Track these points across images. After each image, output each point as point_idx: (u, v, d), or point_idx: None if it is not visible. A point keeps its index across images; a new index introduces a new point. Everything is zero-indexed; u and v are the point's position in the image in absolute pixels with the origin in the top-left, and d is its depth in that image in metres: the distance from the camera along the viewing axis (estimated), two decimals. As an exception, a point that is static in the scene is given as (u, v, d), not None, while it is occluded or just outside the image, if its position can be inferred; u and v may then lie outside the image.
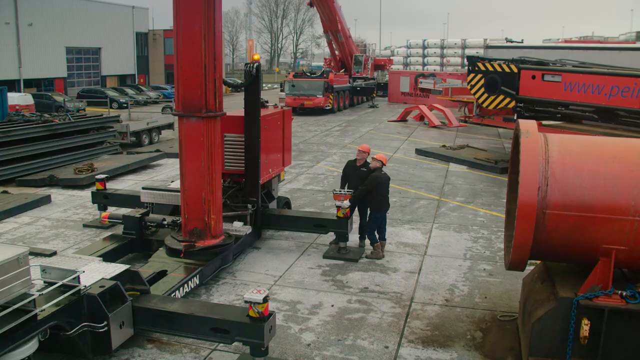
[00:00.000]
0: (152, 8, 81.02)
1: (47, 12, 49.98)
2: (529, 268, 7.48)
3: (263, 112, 10.65)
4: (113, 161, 18.89)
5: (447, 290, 8.94)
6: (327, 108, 37.99)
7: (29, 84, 48.09)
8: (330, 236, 11.01)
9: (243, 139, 10.43)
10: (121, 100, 43.13)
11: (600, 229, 5.84)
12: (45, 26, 49.53)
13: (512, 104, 18.16)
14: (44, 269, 5.95)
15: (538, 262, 7.32)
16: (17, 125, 18.42)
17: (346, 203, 10.15)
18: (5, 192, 15.21)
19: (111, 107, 34.65)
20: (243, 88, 10.44)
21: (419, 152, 21.84)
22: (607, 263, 5.88)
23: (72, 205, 14.39)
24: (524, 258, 6.23)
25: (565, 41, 43.48)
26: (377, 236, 10.55)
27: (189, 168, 8.87)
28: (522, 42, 38.28)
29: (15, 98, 29.98)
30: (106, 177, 12.85)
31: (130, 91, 49.23)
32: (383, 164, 10.51)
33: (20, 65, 47.21)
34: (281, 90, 40.05)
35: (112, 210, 12.34)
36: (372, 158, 10.61)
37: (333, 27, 41.93)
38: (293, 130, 15.29)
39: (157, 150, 21.25)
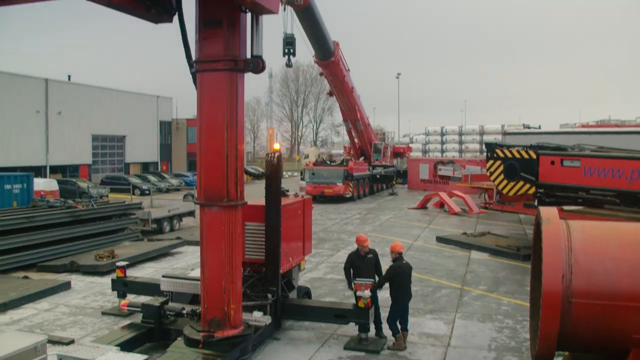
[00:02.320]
0: (176, 97, 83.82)
1: (76, 101, 52.01)
2: (557, 360, 7.24)
3: (284, 201, 10.73)
4: (134, 248, 18.98)
5: (472, 383, 8.64)
6: (347, 196, 38.17)
7: (55, 169, 49.47)
8: (351, 326, 10.81)
9: (264, 228, 10.47)
10: (143, 187, 43.86)
11: (629, 317, 5.67)
12: (73, 114, 51.45)
13: (532, 190, 18.10)
14: (61, 358, 5.90)
15: (566, 353, 7.08)
16: (41, 210, 18.75)
17: (367, 293, 10.01)
18: (26, 277, 15.28)
19: (133, 194, 35.21)
20: (264, 177, 10.58)
21: (440, 239, 21.67)
22: (639, 354, 5.67)
23: (91, 292, 14.37)
24: (551, 349, 6.04)
25: (583, 125, 43.77)
26: (399, 327, 10.34)
27: (209, 257, 8.87)
28: (539, 128, 38.63)
29: (40, 184, 30.66)
30: (126, 264, 12.88)
31: (152, 178, 50.10)
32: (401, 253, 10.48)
33: (47, 152, 48.67)
34: (301, 179, 40.42)
35: (131, 298, 12.29)
36: (390, 249, 10.60)
37: (352, 115, 42.73)
38: (313, 218, 15.33)
39: (178, 238, 21.34)
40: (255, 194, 13.08)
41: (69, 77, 55.14)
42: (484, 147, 29.66)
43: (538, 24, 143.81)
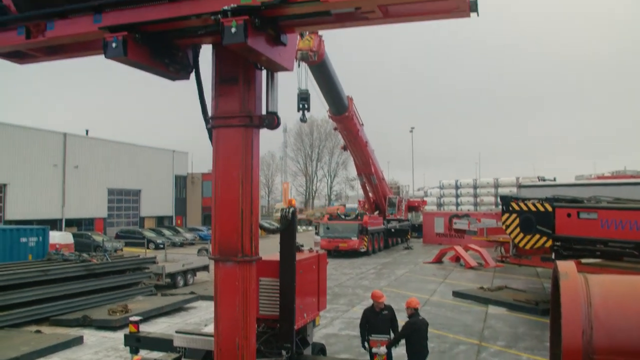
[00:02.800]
0: (192, 152, 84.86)
1: (93, 155, 52.95)
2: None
3: (298, 256, 10.70)
4: (147, 303, 18.91)
5: None
6: (362, 250, 37.95)
7: (70, 222, 49.86)
8: None
9: (278, 283, 10.41)
10: (158, 241, 43.99)
11: (653, 375, 5.52)
12: (90, 168, 52.27)
13: (549, 243, 17.92)
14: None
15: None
16: (56, 264, 18.83)
17: (383, 349, 9.86)
18: (38, 331, 15.22)
19: (148, 248, 35.26)
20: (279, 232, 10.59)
21: (456, 294, 21.40)
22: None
23: (103, 347, 14.25)
24: (573, 407, 5.86)
25: (598, 177, 43.53)
26: (416, 384, 10.12)
27: (223, 312, 8.79)
28: (554, 180, 38.49)
29: (56, 237, 30.88)
30: (140, 319, 12.80)
31: (167, 232, 50.27)
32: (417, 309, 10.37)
33: (63, 205, 49.19)
34: (316, 233, 40.35)
35: (144, 353, 12.16)
36: (406, 305, 10.49)
37: (367, 170, 42.91)
38: (328, 273, 15.22)
39: (192, 293, 21.24)
40: (269, 248, 13.06)
41: (87, 131, 56.24)
42: (499, 200, 29.53)
43: (551, 75, 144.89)
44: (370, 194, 45.88)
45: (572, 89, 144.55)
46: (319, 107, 35.32)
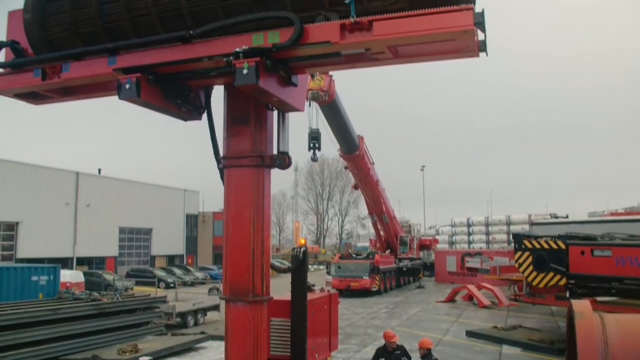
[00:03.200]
0: (203, 191, 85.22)
1: (105, 194, 53.35)
2: None
3: (309, 296, 10.65)
4: (157, 342, 18.76)
5: None
6: (374, 289, 37.60)
7: (81, 261, 49.97)
8: None
9: (289, 323, 10.33)
10: (169, 280, 43.87)
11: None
12: (102, 207, 52.57)
13: (563, 281, 17.73)
14: None
15: None
16: (66, 303, 18.78)
17: (396, 389, 9.71)
18: (48, 372, 15.11)
19: (158, 287, 35.20)
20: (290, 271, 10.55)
21: (470, 334, 21.09)
22: None
23: (114, 390, 14.11)
24: None
25: (612, 213, 43.18)
26: None
27: (234, 352, 8.72)
28: (567, 217, 38.19)
29: (67, 275, 30.88)
30: (150, 359, 12.71)
31: (177, 271, 50.16)
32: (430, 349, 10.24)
33: (75, 243, 49.29)
34: (327, 273, 40.13)
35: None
36: (418, 345, 10.37)
37: (378, 208, 42.84)
38: (339, 313, 15.09)
39: (202, 332, 21.09)
40: (280, 287, 12.99)
41: (99, 170, 56.75)
42: (511, 237, 29.36)
43: (562, 113, 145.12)
44: (382, 233, 45.70)
45: (584, 125, 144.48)
46: (330, 146, 35.50)
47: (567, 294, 17.86)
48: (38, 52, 8.56)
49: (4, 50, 8.77)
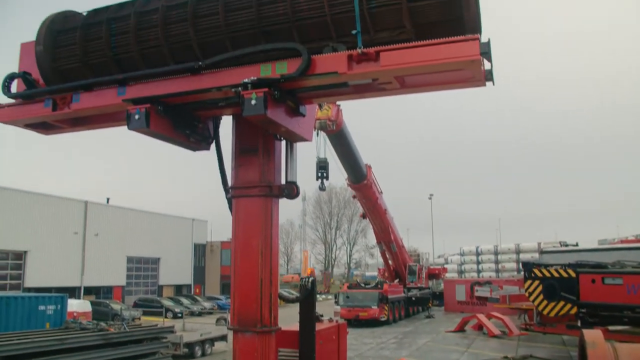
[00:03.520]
0: (211, 220, 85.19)
1: (113, 223, 53.47)
2: None
3: (318, 326, 10.57)
4: (164, 374, 18.61)
5: None
6: (383, 319, 37.24)
7: (89, 290, 49.86)
8: None
9: (297, 354, 10.24)
10: (176, 310, 43.61)
11: None
12: (110, 236, 52.62)
13: (574, 310, 17.53)
14: None
15: None
16: (73, 333, 18.67)
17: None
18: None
19: (166, 317, 34.96)
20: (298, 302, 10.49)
21: (481, 364, 20.83)
22: None
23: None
24: None
25: (622, 241, 42.81)
26: None
27: (242, 384, 8.64)
28: (577, 245, 37.89)
29: (74, 305, 30.73)
30: (157, 392, 12.60)
31: (185, 301, 49.90)
32: None
33: (83, 273, 49.27)
34: (336, 303, 39.84)
35: None
36: None
37: (386, 237, 42.63)
38: (347, 343, 14.95)
39: (210, 363, 20.93)
40: (289, 317, 12.89)
41: (108, 199, 56.94)
42: (520, 266, 29.13)
43: (570, 140, 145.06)
44: (390, 262, 45.38)
45: (593, 150, 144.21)
46: (338, 175, 35.45)
47: (579, 323, 17.65)
48: (49, 83, 8.68)
49: (15, 81, 8.91)
